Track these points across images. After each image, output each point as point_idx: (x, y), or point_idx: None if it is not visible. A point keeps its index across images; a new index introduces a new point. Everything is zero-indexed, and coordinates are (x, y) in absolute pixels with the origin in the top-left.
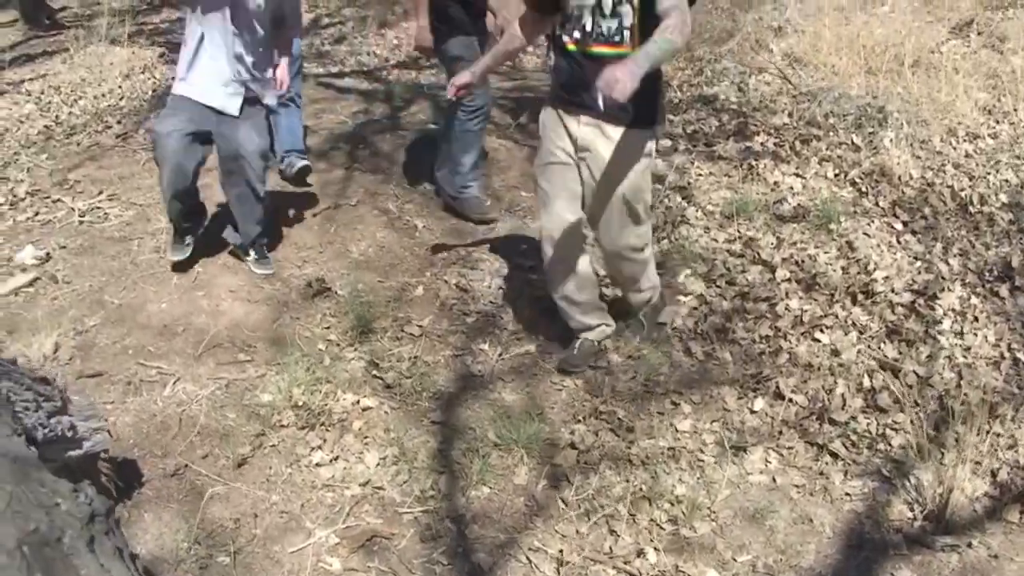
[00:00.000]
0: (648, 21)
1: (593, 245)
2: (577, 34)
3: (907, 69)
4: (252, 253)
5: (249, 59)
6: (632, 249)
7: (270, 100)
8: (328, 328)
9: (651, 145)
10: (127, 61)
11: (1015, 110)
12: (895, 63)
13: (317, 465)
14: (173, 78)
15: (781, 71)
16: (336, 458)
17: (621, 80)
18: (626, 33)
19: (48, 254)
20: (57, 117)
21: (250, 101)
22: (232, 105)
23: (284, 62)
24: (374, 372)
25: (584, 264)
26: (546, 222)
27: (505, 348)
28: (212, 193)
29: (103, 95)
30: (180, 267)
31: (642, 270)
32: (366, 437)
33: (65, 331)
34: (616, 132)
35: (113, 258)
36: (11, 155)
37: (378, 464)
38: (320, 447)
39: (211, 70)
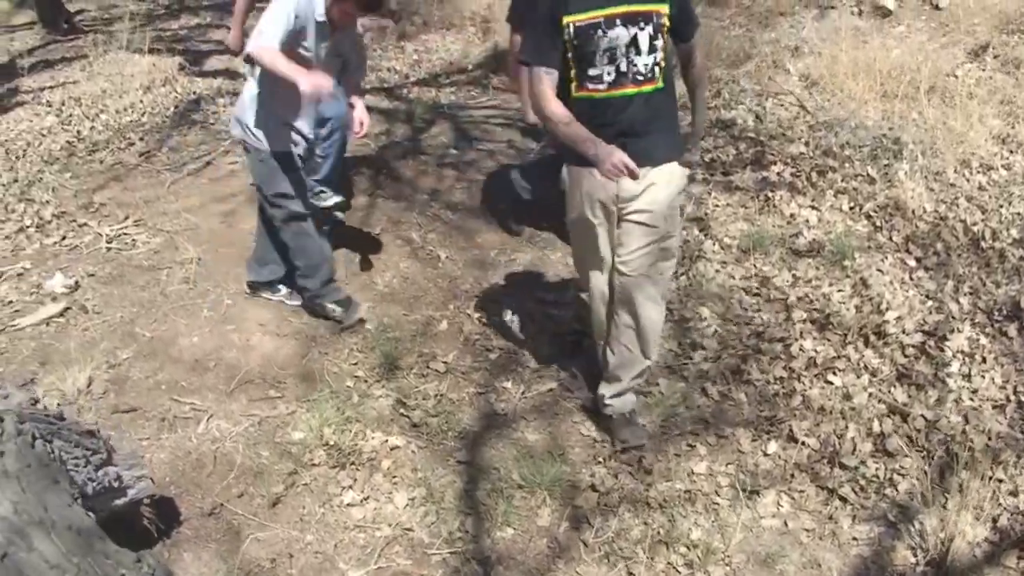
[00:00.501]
0: (670, 54)
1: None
2: (610, 77)
3: (923, 95)
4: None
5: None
6: (664, 287)
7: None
8: (356, 364)
9: (686, 175)
10: (148, 73)
11: None
12: (911, 88)
13: (348, 505)
14: (195, 94)
15: (798, 99)
16: (367, 498)
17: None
18: (657, 70)
19: (77, 282)
20: (79, 132)
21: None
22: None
23: (360, 103)
24: (401, 410)
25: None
26: (596, 281)
27: (527, 386)
28: (238, 221)
29: (124, 109)
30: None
31: (659, 317)
32: (395, 477)
33: (98, 364)
34: (659, 173)
35: (143, 288)
36: (35, 172)
37: (407, 505)
38: (351, 487)
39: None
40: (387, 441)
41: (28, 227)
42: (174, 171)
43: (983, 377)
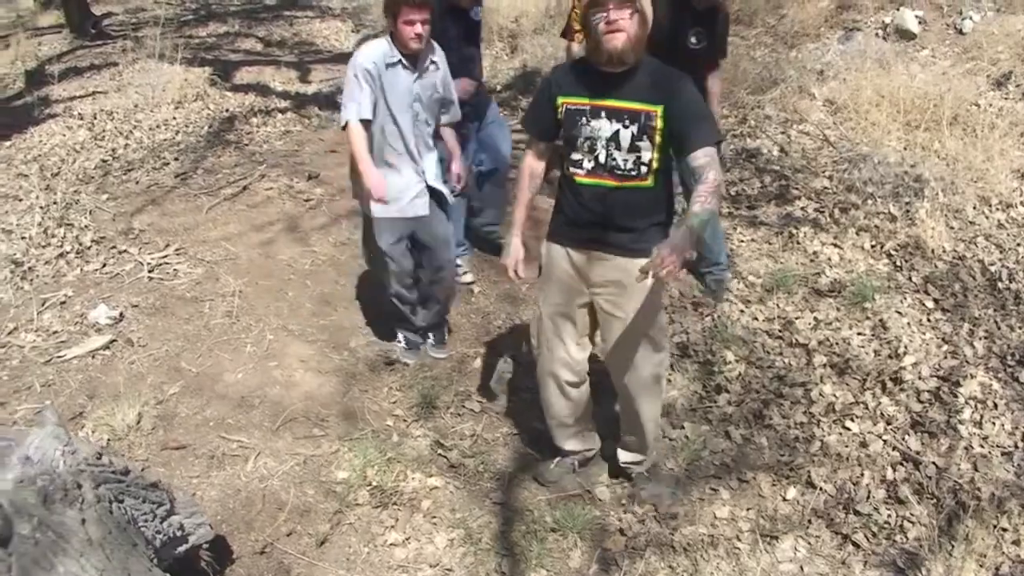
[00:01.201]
0: (667, 156)
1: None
2: (589, 165)
3: (945, 126)
4: (432, 337)
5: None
6: (653, 379)
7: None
8: (395, 403)
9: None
10: (179, 88)
11: None
12: (933, 119)
13: (392, 545)
14: (228, 111)
15: (822, 131)
16: (408, 538)
17: (669, 264)
18: (643, 168)
19: (121, 314)
20: (114, 151)
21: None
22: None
23: (457, 154)
24: (439, 451)
25: (583, 393)
26: (547, 362)
27: None
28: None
29: (158, 126)
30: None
31: (654, 409)
32: (434, 517)
33: (146, 399)
34: (633, 264)
35: (186, 321)
36: (71, 193)
37: (447, 545)
38: (393, 527)
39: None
40: (426, 481)
41: (68, 253)
42: (210, 195)
43: (993, 424)
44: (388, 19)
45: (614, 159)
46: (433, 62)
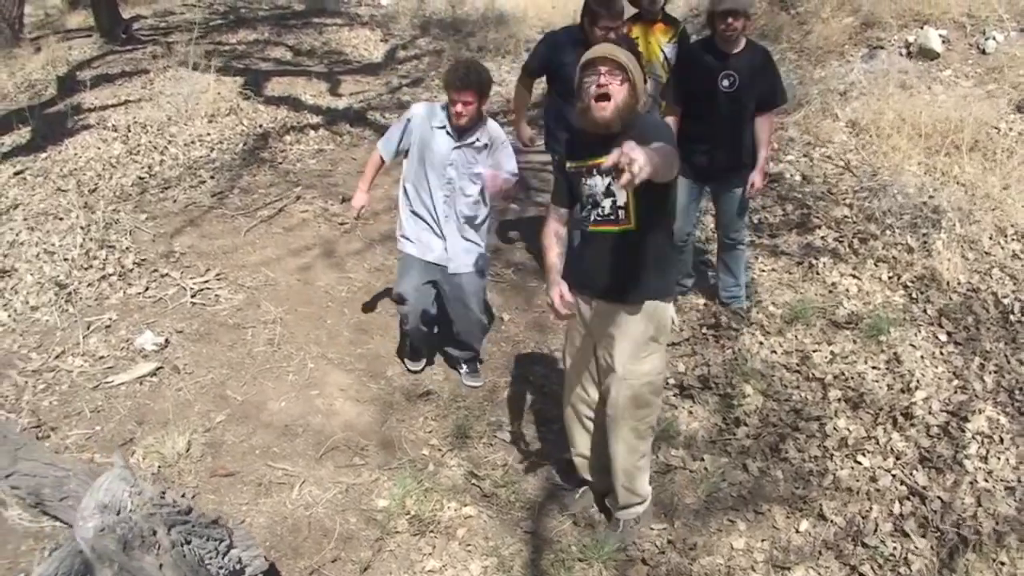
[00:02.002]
0: (651, 203)
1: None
2: (594, 216)
3: (964, 153)
4: (464, 367)
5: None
6: (635, 432)
7: None
8: (430, 432)
9: (665, 320)
10: (212, 102)
11: None
12: (953, 144)
13: (430, 572)
14: (261, 127)
15: (844, 159)
16: (445, 566)
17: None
18: (620, 212)
19: (167, 340)
20: (150, 167)
21: None
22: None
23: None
24: (473, 480)
25: (598, 430)
26: (568, 397)
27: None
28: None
29: (192, 141)
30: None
31: (642, 472)
32: (469, 545)
33: (194, 427)
34: (629, 314)
35: (230, 348)
36: (110, 212)
37: (480, 573)
38: (431, 554)
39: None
40: (461, 510)
41: (111, 275)
42: (247, 216)
43: (998, 459)
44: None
45: (604, 208)
46: (480, 139)
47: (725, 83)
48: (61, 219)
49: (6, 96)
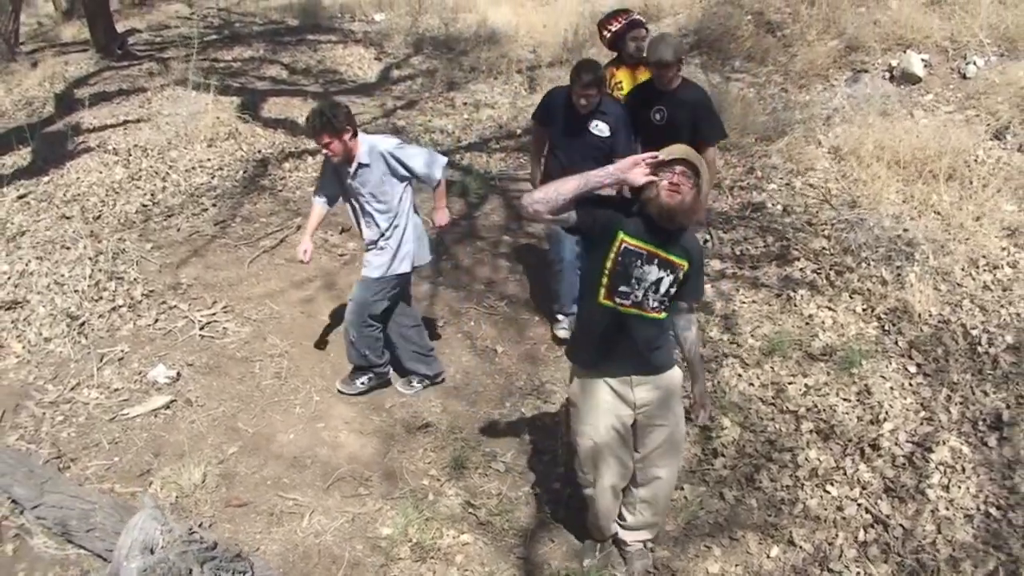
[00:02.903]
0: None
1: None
2: (633, 298)
3: (942, 182)
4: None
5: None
6: (671, 476)
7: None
8: (429, 463)
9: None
10: (211, 126)
11: None
12: (931, 173)
13: None
14: (260, 152)
15: (825, 187)
16: None
17: None
18: (665, 303)
19: (179, 373)
20: (152, 194)
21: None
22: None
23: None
24: (470, 509)
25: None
26: (604, 480)
27: (574, 489)
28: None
29: (193, 168)
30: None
31: (670, 494)
32: (467, 570)
33: (208, 459)
34: (665, 379)
35: (239, 381)
36: (116, 241)
37: None
38: None
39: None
40: (459, 538)
41: (121, 306)
42: (250, 246)
43: (960, 487)
44: None
45: (649, 297)
46: (362, 165)
47: (657, 116)
48: (68, 248)
49: (4, 114)
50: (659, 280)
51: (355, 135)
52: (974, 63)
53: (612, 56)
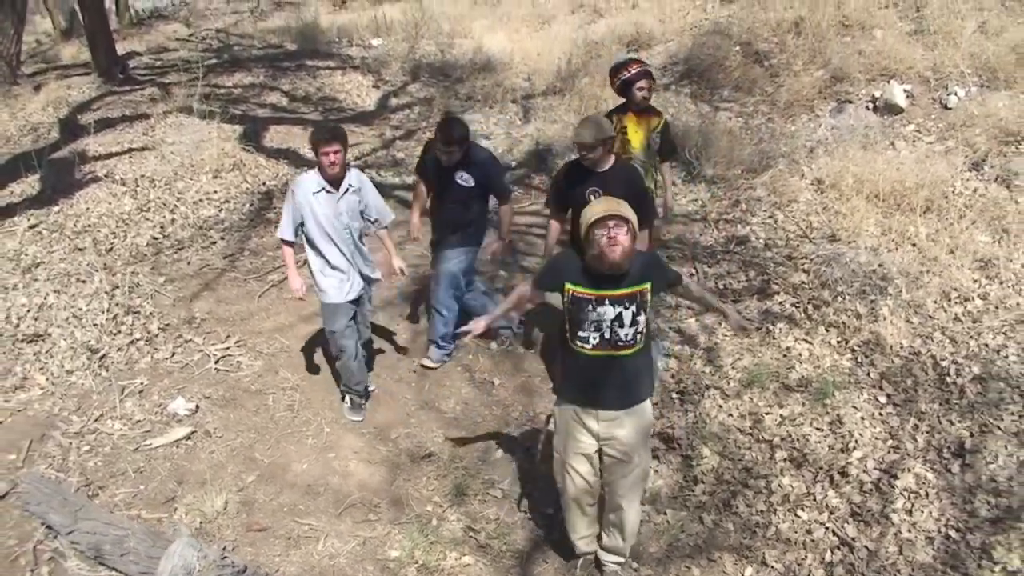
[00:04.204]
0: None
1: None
2: (595, 341)
3: (919, 216)
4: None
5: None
6: (642, 499)
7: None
8: (433, 490)
9: (651, 407)
10: (216, 157)
11: (1010, 259)
12: (909, 206)
13: None
14: (264, 184)
15: (808, 221)
16: None
17: None
18: (639, 336)
19: (197, 406)
20: (162, 227)
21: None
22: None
23: (394, 252)
24: (470, 533)
25: (595, 510)
26: (570, 489)
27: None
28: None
29: (200, 200)
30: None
31: (637, 520)
32: None
33: (229, 487)
34: (630, 415)
35: (254, 413)
36: (130, 274)
37: None
38: None
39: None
40: (461, 560)
41: (138, 340)
42: (259, 279)
43: (923, 511)
44: (314, 154)
45: (617, 334)
46: (351, 186)
47: (591, 198)
48: (84, 282)
49: (10, 139)
50: (619, 315)
51: None
52: (955, 94)
53: (621, 101)
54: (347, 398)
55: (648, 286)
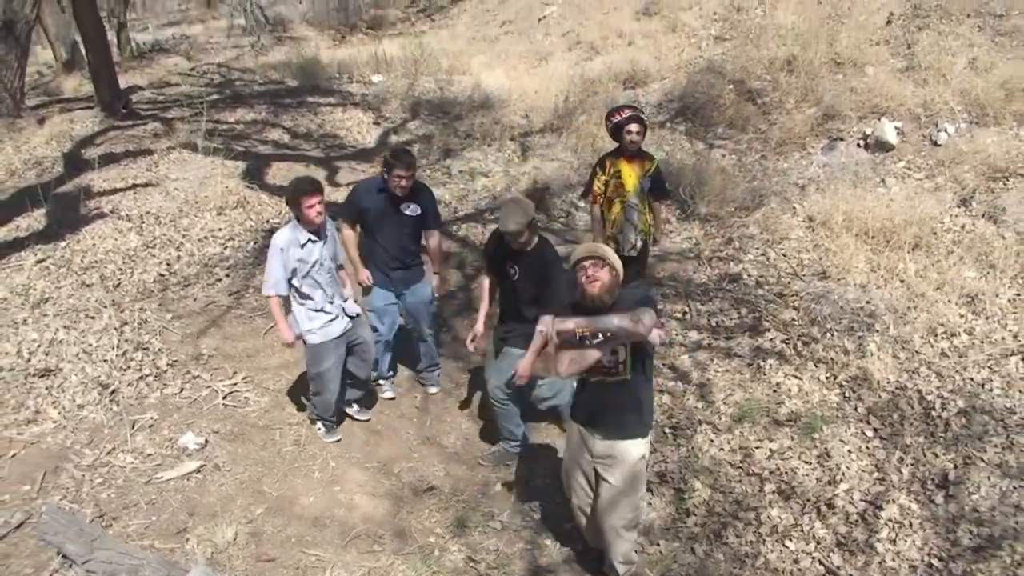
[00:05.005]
0: (640, 359)
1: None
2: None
3: (907, 253)
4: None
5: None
6: (626, 526)
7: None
8: (435, 522)
9: (646, 447)
10: (220, 195)
11: (996, 294)
12: (898, 244)
13: None
14: (268, 222)
15: (799, 259)
16: None
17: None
18: (620, 365)
19: (207, 440)
20: (168, 264)
21: None
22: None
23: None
24: (471, 563)
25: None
26: (572, 499)
27: (562, 542)
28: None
29: (205, 237)
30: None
31: (630, 548)
32: None
33: (238, 519)
34: (623, 446)
35: (262, 448)
36: (137, 310)
37: None
38: None
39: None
40: None
41: (147, 376)
42: (264, 317)
43: (906, 541)
44: (293, 208)
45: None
46: (329, 231)
47: (511, 271)
48: (93, 318)
49: (14, 172)
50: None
51: None
52: (945, 130)
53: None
54: (319, 423)
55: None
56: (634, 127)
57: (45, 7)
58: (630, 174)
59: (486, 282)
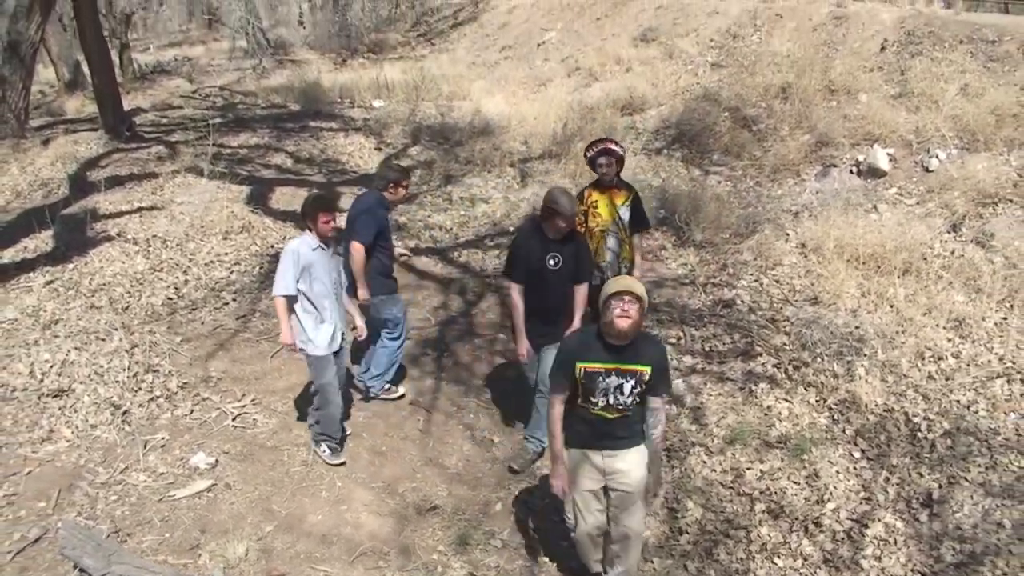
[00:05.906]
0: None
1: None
2: (601, 403)
3: (897, 278)
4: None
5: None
6: (640, 528)
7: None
8: (438, 540)
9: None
10: (226, 219)
11: (983, 318)
12: (888, 269)
13: None
14: (272, 247)
15: (791, 284)
16: None
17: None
18: (636, 403)
19: (217, 460)
20: (176, 288)
21: None
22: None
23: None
24: None
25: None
26: (582, 526)
27: (560, 560)
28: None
29: (211, 261)
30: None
31: (639, 548)
32: None
33: (249, 536)
34: (629, 454)
35: (270, 467)
36: (146, 332)
37: None
38: None
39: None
40: None
41: (158, 397)
42: (270, 340)
43: (891, 558)
44: (307, 220)
45: (618, 400)
46: (338, 249)
47: (553, 262)
48: (104, 340)
49: (20, 194)
50: (620, 385)
51: None
52: (936, 156)
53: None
54: (323, 445)
55: (649, 370)
56: (603, 160)
57: (48, 27)
58: (605, 205)
59: (516, 292)
